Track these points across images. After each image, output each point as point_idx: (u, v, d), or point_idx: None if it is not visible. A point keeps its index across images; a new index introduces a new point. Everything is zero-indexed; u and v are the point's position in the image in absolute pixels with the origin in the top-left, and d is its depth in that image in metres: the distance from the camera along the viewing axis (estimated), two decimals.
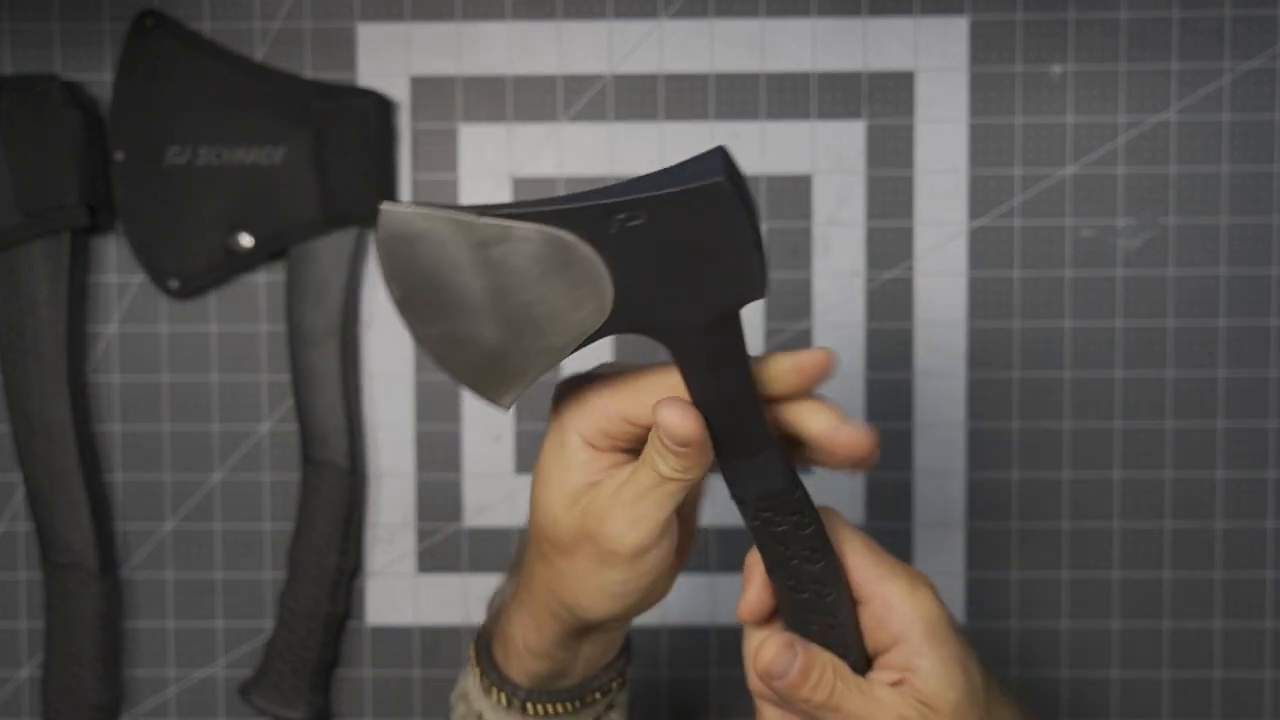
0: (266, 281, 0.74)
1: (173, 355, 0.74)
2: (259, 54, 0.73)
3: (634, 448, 0.47)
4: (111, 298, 0.74)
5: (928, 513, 0.74)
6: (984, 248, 0.73)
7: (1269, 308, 0.73)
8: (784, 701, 0.50)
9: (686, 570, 0.51)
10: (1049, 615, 0.74)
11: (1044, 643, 0.74)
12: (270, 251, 0.73)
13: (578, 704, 0.53)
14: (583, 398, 0.47)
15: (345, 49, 0.73)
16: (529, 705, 0.53)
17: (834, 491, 0.74)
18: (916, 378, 0.74)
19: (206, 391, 0.74)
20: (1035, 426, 0.73)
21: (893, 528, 0.74)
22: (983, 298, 0.73)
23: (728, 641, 0.74)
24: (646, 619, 0.74)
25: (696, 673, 0.75)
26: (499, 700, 0.53)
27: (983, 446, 0.73)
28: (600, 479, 0.46)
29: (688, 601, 0.74)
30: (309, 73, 0.73)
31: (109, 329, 0.74)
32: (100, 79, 0.73)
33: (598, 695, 0.54)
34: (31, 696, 0.75)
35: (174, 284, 0.73)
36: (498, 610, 0.54)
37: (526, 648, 0.52)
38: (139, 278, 0.74)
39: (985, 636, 0.74)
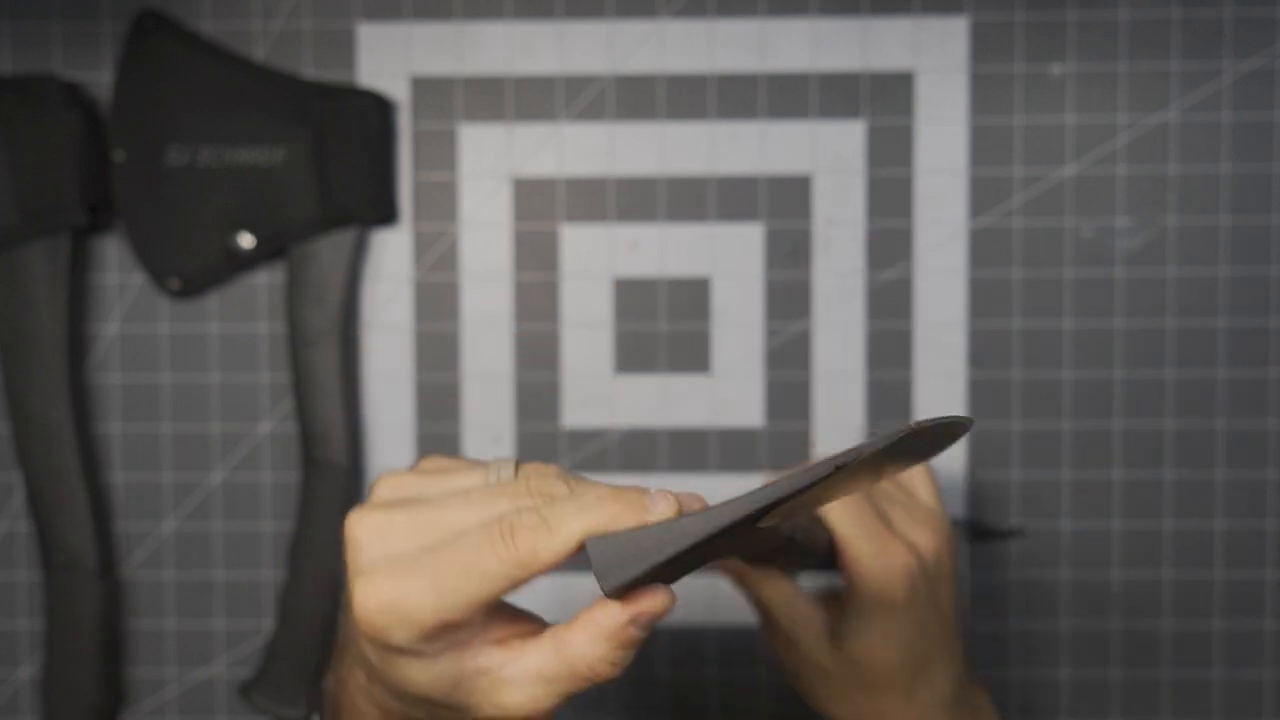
0: (266, 281, 0.74)
1: (173, 355, 0.74)
2: (259, 54, 0.73)
3: None
4: (111, 298, 0.74)
5: None
6: (984, 248, 0.73)
7: (1269, 308, 0.73)
8: None
9: None
10: (1049, 614, 0.74)
11: (1044, 642, 0.74)
12: (270, 251, 0.73)
13: None
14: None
15: (345, 49, 0.73)
16: None
17: None
18: (916, 378, 0.74)
19: (206, 391, 0.74)
20: (1035, 426, 0.73)
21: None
22: (983, 298, 0.73)
23: (728, 641, 0.74)
24: None
25: (696, 673, 0.75)
26: None
27: (983, 447, 0.74)
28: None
29: (687, 602, 0.74)
30: (309, 73, 0.73)
31: (109, 329, 0.74)
32: (100, 79, 0.73)
33: None
34: (31, 696, 0.75)
35: (174, 284, 0.73)
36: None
37: None
38: (139, 278, 0.74)
39: (986, 636, 0.74)
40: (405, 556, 0.38)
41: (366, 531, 0.38)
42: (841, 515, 0.56)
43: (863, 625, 0.56)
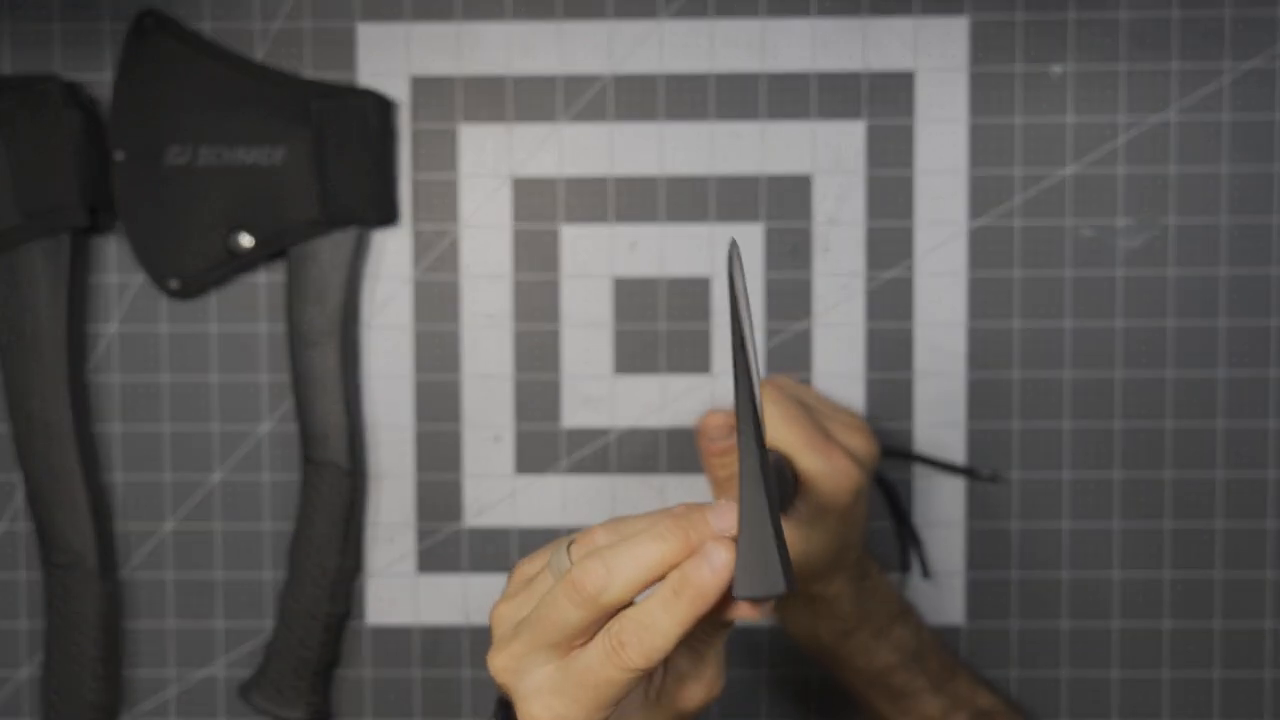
0: (266, 281, 0.74)
1: (173, 355, 0.74)
2: (259, 54, 0.73)
3: None
4: (111, 298, 0.74)
5: (928, 512, 0.74)
6: (984, 248, 0.73)
7: (1269, 308, 0.73)
8: (706, 464, 0.66)
9: None
10: (1049, 615, 0.74)
11: (1044, 643, 0.74)
12: (270, 251, 0.73)
13: None
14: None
15: (345, 49, 0.73)
16: None
17: None
18: (916, 378, 0.74)
19: (206, 391, 0.74)
20: (1035, 427, 0.73)
21: (893, 527, 0.74)
22: (983, 298, 0.73)
23: (735, 641, 0.74)
24: None
25: None
26: None
27: (983, 447, 0.73)
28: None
29: None
30: (309, 73, 0.73)
31: (109, 329, 0.74)
32: (100, 79, 0.73)
33: None
34: (31, 696, 0.75)
35: (174, 284, 0.73)
36: None
37: None
38: (139, 278, 0.74)
39: (985, 636, 0.74)
40: (510, 631, 0.48)
41: (495, 617, 0.49)
42: (790, 437, 0.61)
43: (811, 530, 0.61)
